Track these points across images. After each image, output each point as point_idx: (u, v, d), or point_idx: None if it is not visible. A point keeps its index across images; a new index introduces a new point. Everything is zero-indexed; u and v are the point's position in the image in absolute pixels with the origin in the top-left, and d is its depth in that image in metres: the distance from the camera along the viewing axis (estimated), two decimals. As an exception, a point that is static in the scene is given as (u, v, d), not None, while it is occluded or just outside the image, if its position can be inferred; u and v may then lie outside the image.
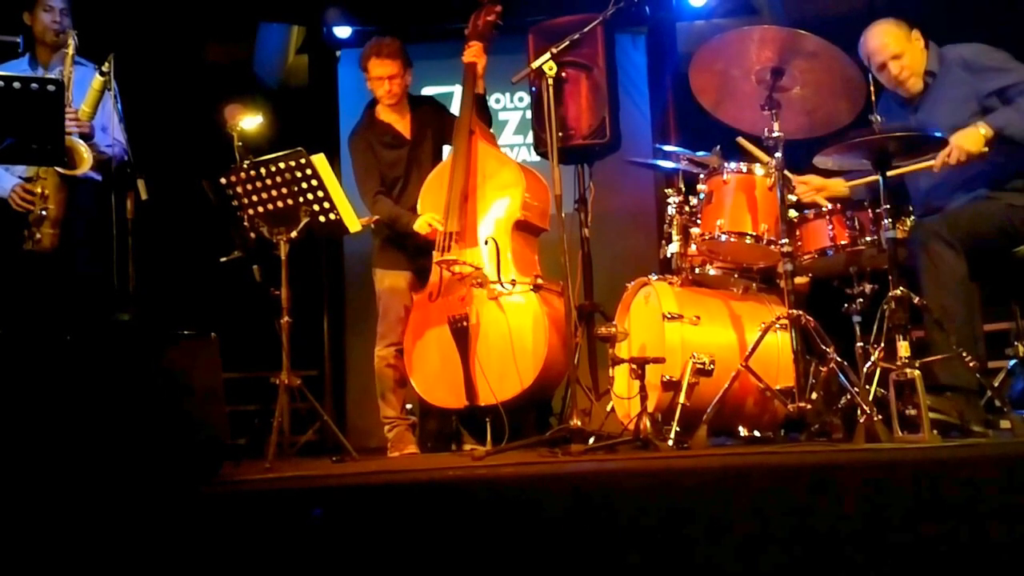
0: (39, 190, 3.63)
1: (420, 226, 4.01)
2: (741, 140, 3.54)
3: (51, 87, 2.96)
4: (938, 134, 3.08)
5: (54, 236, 3.65)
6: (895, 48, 3.41)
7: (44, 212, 3.62)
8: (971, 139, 3.15)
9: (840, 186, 3.59)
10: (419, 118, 4.31)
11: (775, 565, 1.86)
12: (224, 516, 2.09)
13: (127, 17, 5.04)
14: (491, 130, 4.31)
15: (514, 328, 3.78)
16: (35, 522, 2.05)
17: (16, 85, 2.91)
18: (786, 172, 3.33)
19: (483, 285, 3.84)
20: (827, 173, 3.51)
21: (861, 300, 3.46)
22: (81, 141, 3.62)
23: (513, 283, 3.82)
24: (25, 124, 2.93)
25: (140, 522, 2.05)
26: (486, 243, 3.93)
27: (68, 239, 3.68)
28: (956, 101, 3.35)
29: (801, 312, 3.10)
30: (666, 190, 3.74)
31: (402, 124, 4.29)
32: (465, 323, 3.79)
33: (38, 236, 3.63)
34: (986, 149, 3.16)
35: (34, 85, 2.93)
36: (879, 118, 3.24)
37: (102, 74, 3.58)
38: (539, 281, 3.84)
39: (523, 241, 4.01)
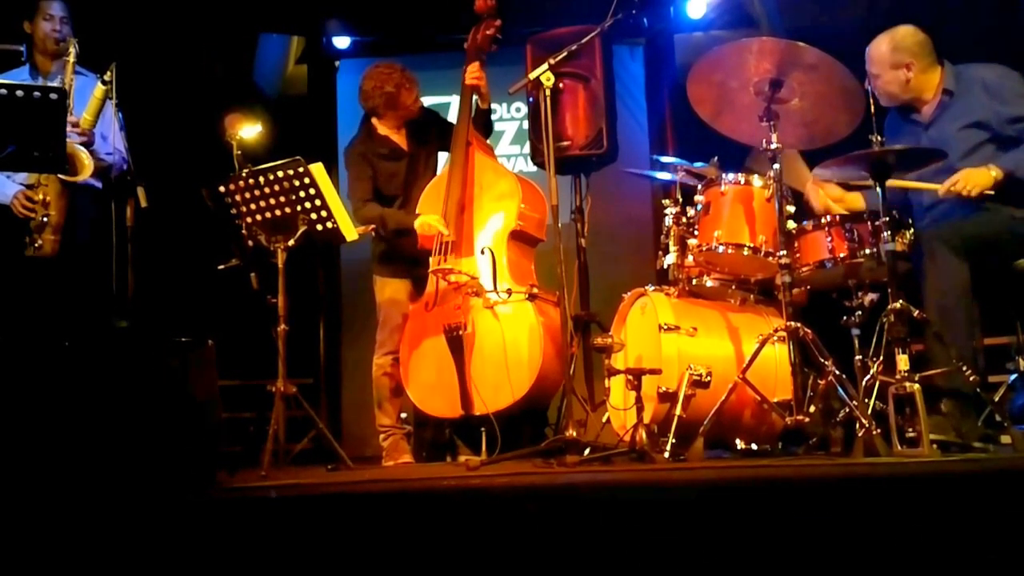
0: (40, 196, 3.64)
1: (421, 225, 3.99)
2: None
3: (53, 95, 2.97)
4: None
5: (55, 242, 3.66)
6: (873, 68, 3.45)
7: (45, 218, 3.64)
8: (982, 178, 3.20)
9: (858, 201, 3.59)
10: (417, 130, 4.31)
11: (771, 578, 1.85)
12: (219, 523, 2.08)
13: (128, 26, 5.06)
14: (489, 142, 4.31)
15: (509, 338, 3.77)
16: (31, 527, 2.05)
17: (19, 93, 2.92)
18: (815, 173, 3.34)
19: (479, 294, 3.84)
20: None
21: (860, 313, 3.46)
22: (82, 148, 3.63)
23: (508, 292, 3.82)
24: (27, 132, 2.94)
25: (135, 529, 2.05)
26: (482, 253, 3.93)
27: (69, 245, 3.69)
28: (971, 123, 3.37)
29: (799, 324, 3.09)
30: (663, 201, 3.74)
31: (399, 136, 4.30)
32: (460, 332, 3.79)
33: (39, 242, 3.65)
34: (992, 192, 3.20)
35: (36, 93, 2.94)
36: (879, 138, 3.25)
37: (104, 83, 3.59)
38: (534, 291, 3.83)
39: (519, 251, 4.01)
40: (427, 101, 5.43)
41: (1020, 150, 3.28)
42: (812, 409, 3.07)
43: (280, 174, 3.61)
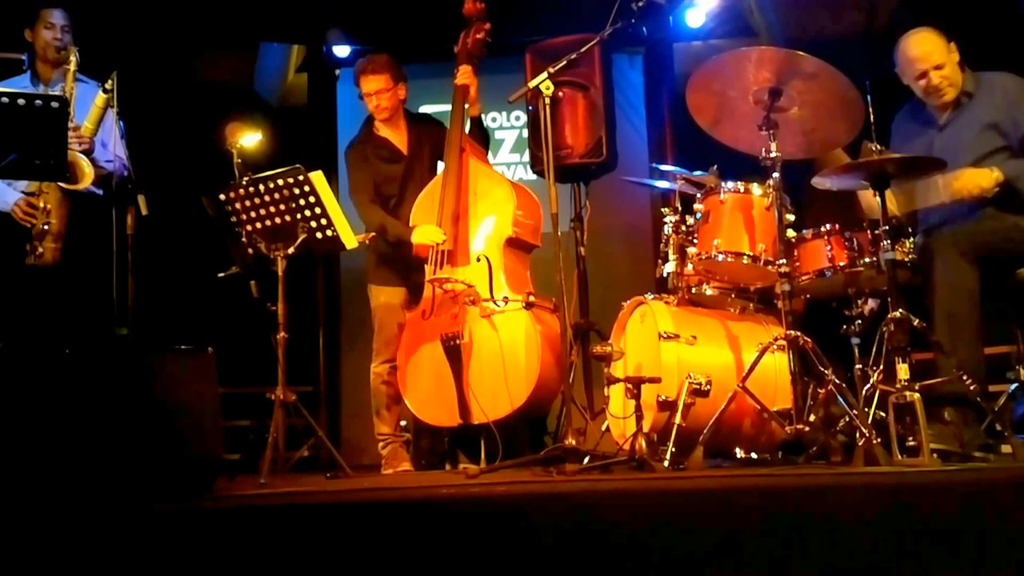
0: (41, 204, 3.65)
1: (419, 237, 3.99)
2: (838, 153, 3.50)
3: (55, 103, 2.98)
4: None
5: (56, 250, 3.67)
6: (938, 58, 3.43)
7: (46, 226, 3.64)
8: (985, 179, 3.23)
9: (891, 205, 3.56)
10: (417, 134, 4.31)
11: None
12: (218, 531, 2.08)
13: (129, 34, 5.07)
14: (487, 150, 4.31)
15: (506, 346, 3.77)
16: (30, 533, 2.04)
17: (20, 102, 2.92)
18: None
19: (476, 303, 3.84)
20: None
21: (860, 322, 3.45)
22: (83, 156, 3.64)
23: (505, 300, 3.82)
24: (29, 140, 2.95)
25: (135, 535, 2.04)
26: (478, 260, 3.93)
27: (69, 253, 3.69)
28: (987, 128, 3.38)
29: (799, 333, 3.09)
30: (662, 209, 3.75)
31: (399, 139, 4.30)
32: (458, 341, 3.79)
33: (40, 250, 3.65)
34: (995, 190, 3.23)
35: (38, 101, 2.95)
36: (877, 146, 3.25)
37: (105, 91, 3.60)
38: (531, 299, 3.83)
39: (515, 258, 4.00)
40: (425, 110, 5.46)
41: (1022, 161, 3.29)
42: (812, 418, 3.07)
43: (280, 182, 3.61)
